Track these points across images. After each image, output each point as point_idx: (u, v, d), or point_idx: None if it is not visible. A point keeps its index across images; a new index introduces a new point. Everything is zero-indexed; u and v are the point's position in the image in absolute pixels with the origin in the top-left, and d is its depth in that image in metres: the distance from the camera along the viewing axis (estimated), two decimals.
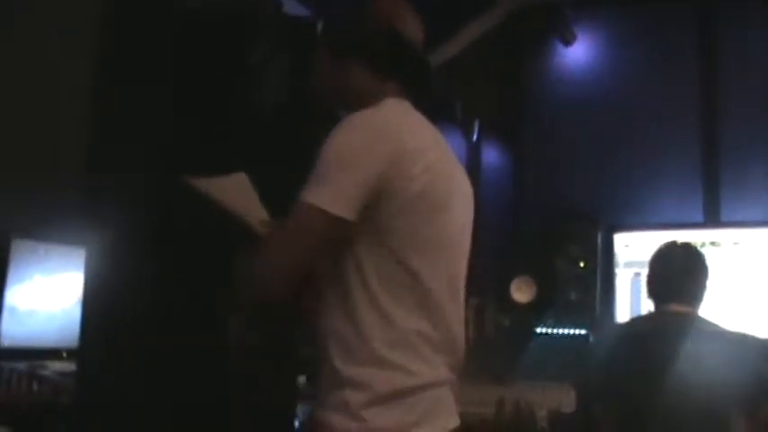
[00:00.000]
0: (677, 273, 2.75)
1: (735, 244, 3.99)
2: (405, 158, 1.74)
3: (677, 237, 2.92)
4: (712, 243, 4.00)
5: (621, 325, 3.84)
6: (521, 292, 4.33)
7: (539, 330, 4.25)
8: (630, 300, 4.18)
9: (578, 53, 4.89)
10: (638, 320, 3.23)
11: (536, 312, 4.28)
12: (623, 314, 4.15)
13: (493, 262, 4.47)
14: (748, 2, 4.47)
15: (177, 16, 2.21)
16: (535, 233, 4.67)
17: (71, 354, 2.84)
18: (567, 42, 4.79)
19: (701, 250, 2.86)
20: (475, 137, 4.63)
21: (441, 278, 1.82)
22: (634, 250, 4.22)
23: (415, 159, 1.76)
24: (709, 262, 2.79)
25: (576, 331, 4.18)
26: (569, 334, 4.19)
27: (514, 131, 5.06)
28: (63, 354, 2.98)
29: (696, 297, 2.73)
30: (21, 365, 2.72)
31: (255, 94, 2.36)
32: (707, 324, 2.67)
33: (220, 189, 1.88)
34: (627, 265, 4.23)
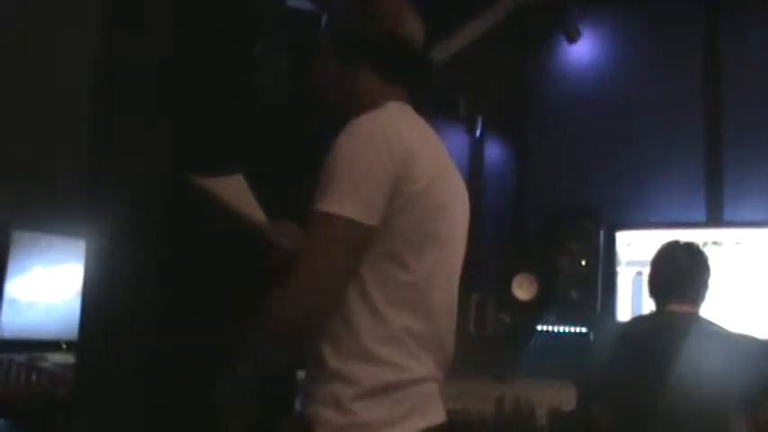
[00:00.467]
0: (679, 272, 2.74)
1: (737, 244, 3.98)
2: (408, 161, 1.74)
3: (679, 236, 2.92)
4: (714, 243, 3.99)
5: (623, 324, 3.83)
6: (522, 290, 4.32)
7: (540, 328, 4.24)
8: (632, 298, 4.17)
9: (583, 50, 4.88)
10: (639, 320, 3.22)
11: (537, 310, 4.27)
12: (624, 313, 4.14)
13: (494, 259, 4.46)
14: (754, 1, 4.46)
15: (179, 9, 2.21)
16: (537, 231, 4.67)
17: (71, 346, 2.85)
18: (572, 39, 4.78)
19: (704, 250, 2.86)
20: (478, 133, 4.63)
21: (434, 277, 1.83)
22: (636, 249, 4.21)
23: (417, 161, 1.76)
24: (711, 262, 2.79)
25: (577, 329, 4.17)
26: (570, 332, 4.18)
27: (518, 128, 5.05)
28: (63, 345, 2.98)
29: (698, 297, 2.72)
30: (20, 357, 2.72)
31: (257, 88, 2.36)
32: (708, 324, 2.66)
33: (221, 188, 1.88)
34: (629, 264, 4.22)
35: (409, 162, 1.74)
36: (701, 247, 2.90)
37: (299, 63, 2.40)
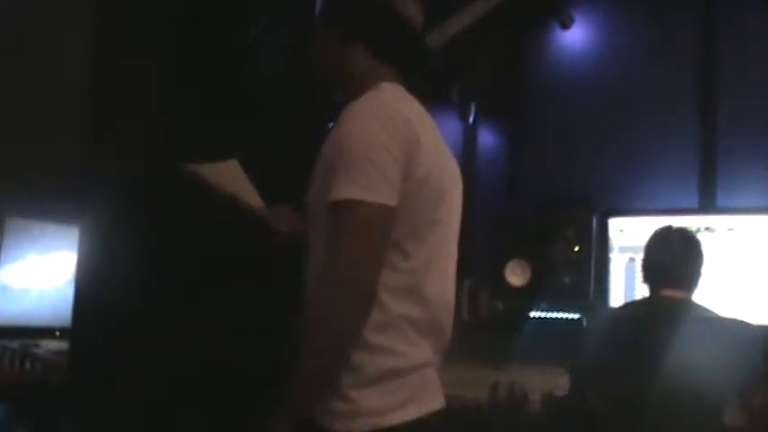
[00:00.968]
0: (673, 258, 2.74)
1: (729, 230, 3.98)
2: (414, 144, 1.74)
3: (672, 222, 2.91)
4: (707, 229, 4.00)
5: (615, 309, 3.84)
6: (515, 276, 4.33)
7: (533, 314, 4.25)
8: (625, 284, 4.17)
9: (576, 37, 4.87)
10: (631, 305, 3.23)
11: (530, 296, 4.28)
12: (617, 299, 4.15)
13: (488, 245, 4.46)
14: None
15: None
16: (530, 217, 4.66)
17: (64, 332, 2.84)
18: (565, 26, 4.77)
19: (697, 236, 2.86)
20: (471, 119, 4.62)
21: (432, 263, 1.82)
22: (629, 235, 4.22)
23: (420, 145, 1.75)
24: (704, 248, 2.79)
25: (570, 315, 4.18)
26: (563, 318, 4.19)
27: (511, 114, 5.04)
28: (56, 332, 2.98)
29: (691, 282, 2.73)
30: (13, 344, 2.72)
31: (254, 69, 2.35)
32: (701, 310, 2.67)
33: (216, 174, 1.88)
34: (621, 250, 4.22)
35: (415, 145, 1.73)
36: (695, 233, 2.91)
37: (297, 46, 2.39)
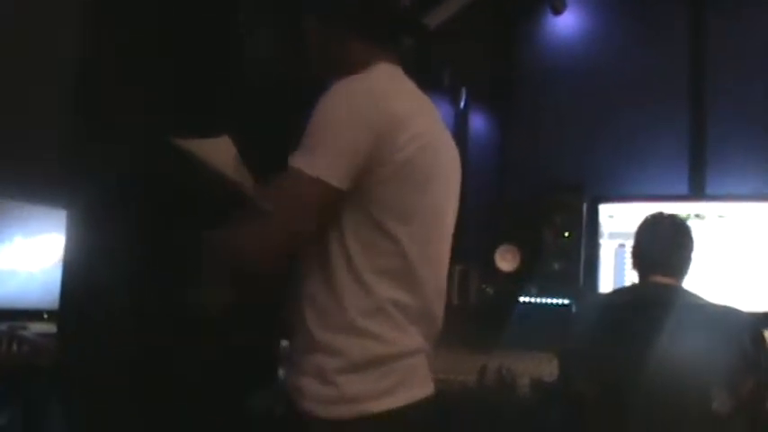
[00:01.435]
0: (663, 244, 2.74)
1: (719, 217, 3.99)
2: (392, 126, 1.72)
3: (662, 209, 2.91)
4: (697, 216, 4.00)
5: (604, 295, 3.85)
6: (505, 261, 4.33)
7: (522, 299, 4.26)
8: (614, 271, 4.18)
9: (568, 22, 4.86)
10: (621, 291, 3.23)
11: (520, 281, 4.28)
12: (606, 285, 4.16)
13: (478, 230, 4.46)
14: None
15: None
16: (520, 202, 4.67)
17: (52, 315, 2.83)
18: (557, 11, 4.75)
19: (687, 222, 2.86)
20: (462, 104, 4.61)
21: (422, 248, 1.81)
22: (619, 221, 4.22)
23: (403, 127, 1.74)
24: (694, 234, 2.79)
25: (560, 301, 4.19)
26: (553, 303, 4.20)
27: (502, 100, 5.04)
28: (44, 315, 2.97)
29: (681, 269, 2.73)
30: (1, 326, 2.71)
31: (243, 61, 2.34)
32: (691, 296, 2.67)
33: (206, 150, 1.86)
34: (611, 236, 4.23)
35: (394, 128, 1.72)
36: (685, 220, 2.91)
37: (286, 34, 2.37)
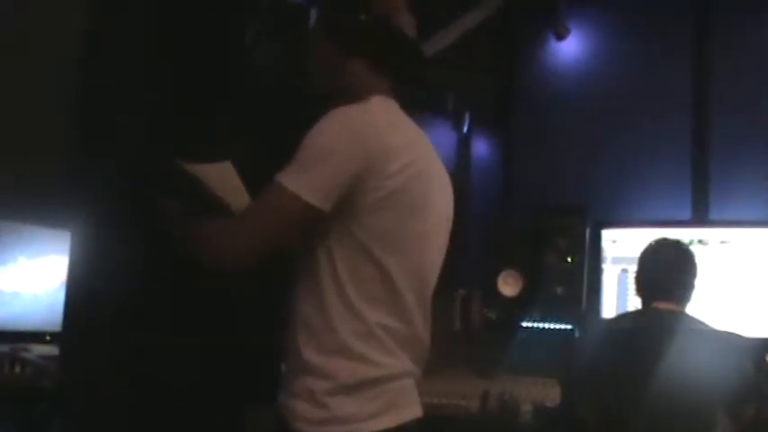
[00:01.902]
0: (666, 270, 2.74)
1: (722, 243, 3.99)
2: (382, 157, 1.77)
3: (665, 234, 2.92)
4: (700, 241, 4.00)
5: (608, 321, 3.84)
6: (508, 286, 4.32)
7: (525, 324, 4.24)
8: (617, 296, 4.17)
9: (571, 48, 4.88)
10: (624, 317, 3.23)
11: (522, 306, 4.27)
12: (609, 310, 4.15)
13: (480, 255, 4.46)
14: (741, 1, 4.47)
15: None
16: (523, 227, 4.66)
17: (54, 337, 2.83)
18: (561, 37, 4.77)
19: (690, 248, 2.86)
20: (465, 129, 4.62)
21: (410, 276, 1.85)
22: (621, 246, 4.22)
23: (395, 156, 1.78)
24: (697, 260, 2.79)
25: (562, 326, 4.17)
26: (555, 329, 4.18)
27: (505, 125, 5.05)
28: (46, 337, 2.97)
29: (684, 295, 2.73)
30: (4, 348, 2.71)
31: (246, 78, 2.35)
32: (694, 322, 2.67)
33: (208, 175, 1.89)
34: (614, 261, 4.22)
35: (383, 157, 1.76)
36: (688, 246, 2.91)
37: (290, 51, 2.39)
